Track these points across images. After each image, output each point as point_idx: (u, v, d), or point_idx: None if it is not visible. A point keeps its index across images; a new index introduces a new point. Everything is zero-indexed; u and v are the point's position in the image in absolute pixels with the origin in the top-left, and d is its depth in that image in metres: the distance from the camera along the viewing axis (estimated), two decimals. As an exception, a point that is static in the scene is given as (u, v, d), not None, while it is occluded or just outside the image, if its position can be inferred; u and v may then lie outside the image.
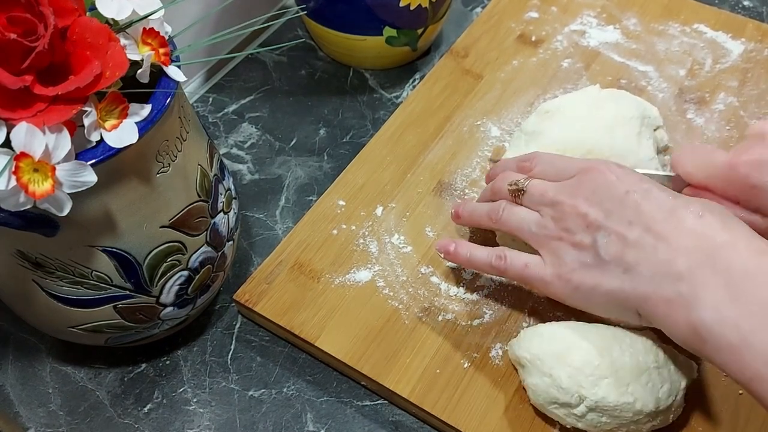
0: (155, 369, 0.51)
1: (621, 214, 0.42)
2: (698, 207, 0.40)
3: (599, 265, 0.42)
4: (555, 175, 0.47)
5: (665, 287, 0.39)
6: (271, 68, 0.71)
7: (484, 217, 0.50)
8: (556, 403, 0.43)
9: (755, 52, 0.69)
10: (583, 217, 0.43)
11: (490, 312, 0.51)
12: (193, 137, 0.43)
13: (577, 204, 0.43)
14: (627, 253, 0.41)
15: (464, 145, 0.61)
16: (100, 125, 0.35)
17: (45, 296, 0.41)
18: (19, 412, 0.48)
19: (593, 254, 0.42)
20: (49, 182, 0.32)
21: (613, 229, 0.42)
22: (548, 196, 0.45)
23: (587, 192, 0.44)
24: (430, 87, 0.65)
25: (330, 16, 0.65)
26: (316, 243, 0.54)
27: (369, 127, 0.66)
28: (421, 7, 0.63)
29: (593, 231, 0.43)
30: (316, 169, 0.62)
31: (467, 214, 0.52)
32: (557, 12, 0.73)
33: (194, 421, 0.48)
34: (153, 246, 0.41)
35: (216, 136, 0.65)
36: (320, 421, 0.48)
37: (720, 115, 0.64)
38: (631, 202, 0.42)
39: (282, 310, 0.51)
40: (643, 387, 0.42)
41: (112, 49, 0.34)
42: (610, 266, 0.42)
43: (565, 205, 0.44)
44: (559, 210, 0.44)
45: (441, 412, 0.46)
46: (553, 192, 0.45)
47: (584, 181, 0.44)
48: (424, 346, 0.49)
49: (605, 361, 0.42)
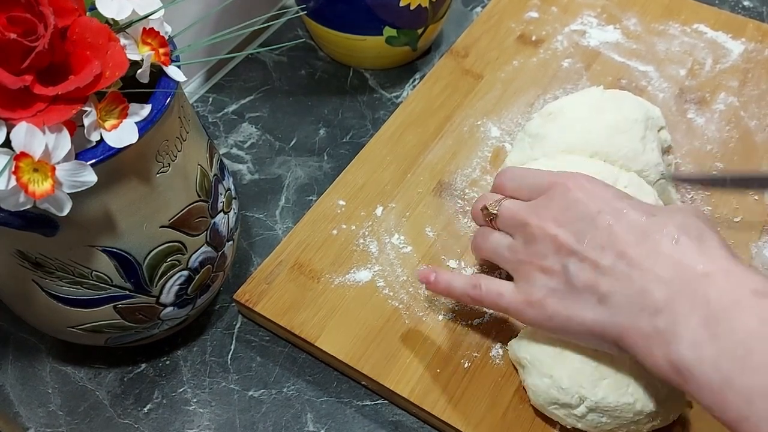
0: (155, 369, 0.51)
1: (592, 237, 0.39)
2: (673, 229, 0.38)
3: (571, 293, 0.40)
4: (527, 192, 0.44)
5: (642, 320, 0.37)
6: (271, 68, 0.71)
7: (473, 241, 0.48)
8: (557, 404, 0.43)
9: (755, 52, 0.69)
10: (553, 239, 0.40)
11: (490, 312, 0.51)
12: (193, 137, 0.43)
13: (545, 226, 0.41)
14: (600, 281, 0.38)
15: (464, 145, 0.61)
16: (100, 125, 0.35)
17: (45, 296, 0.41)
18: (19, 412, 0.48)
19: (564, 281, 0.40)
20: (49, 182, 0.32)
21: (584, 254, 0.39)
22: (518, 217, 0.43)
23: (556, 212, 0.41)
24: (430, 87, 0.65)
25: (330, 16, 0.65)
26: (316, 243, 0.54)
27: (369, 127, 0.66)
28: (421, 6, 0.63)
29: (564, 256, 0.40)
30: (316, 169, 0.62)
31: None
32: (557, 12, 0.73)
33: (194, 421, 0.48)
34: (153, 246, 0.41)
35: (216, 136, 0.65)
36: (320, 421, 0.48)
37: (720, 115, 0.64)
38: (603, 223, 0.39)
39: (282, 310, 0.51)
40: (643, 387, 0.42)
41: (112, 49, 0.34)
42: (583, 295, 0.39)
43: (534, 227, 0.41)
44: (529, 232, 0.42)
45: (441, 412, 0.46)
46: (523, 213, 0.43)
47: (553, 199, 0.42)
48: (424, 346, 0.49)
49: (605, 361, 0.42)
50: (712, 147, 0.61)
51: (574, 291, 0.39)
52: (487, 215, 0.46)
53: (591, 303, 0.39)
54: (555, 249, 0.40)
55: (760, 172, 0.47)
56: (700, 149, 0.61)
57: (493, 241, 0.45)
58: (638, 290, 0.37)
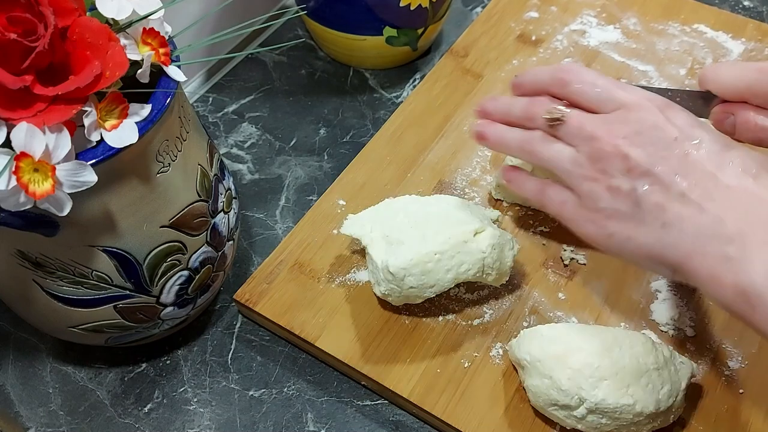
0: (155, 369, 0.51)
1: (667, 162, 0.38)
2: (753, 164, 0.37)
3: (636, 215, 0.39)
4: (596, 100, 0.42)
5: (711, 248, 0.36)
6: (271, 68, 0.71)
7: (514, 144, 0.46)
8: (556, 405, 0.43)
9: (755, 52, 0.69)
10: (624, 159, 0.39)
11: (491, 311, 0.51)
12: (193, 137, 0.43)
13: (618, 143, 0.40)
14: (670, 206, 0.38)
15: (464, 145, 0.61)
16: (100, 125, 0.35)
17: (45, 296, 0.41)
18: (19, 412, 0.48)
19: (631, 203, 0.39)
20: (49, 182, 0.32)
21: (657, 178, 0.38)
22: (586, 129, 0.41)
23: (631, 131, 0.40)
24: (430, 87, 0.65)
25: (330, 16, 0.65)
26: (317, 243, 0.54)
27: (369, 127, 0.66)
28: (421, 6, 0.63)
29: (634, 177, 0.39)
30: (316, 169, 0.62)
31: (496, 138, 0.47)
32: (557, 11, 0.73)
33: (194, 421, 0.48)
34: (153, 246, 0.41)
35: (216, 136, 0.65)
36: (320, 421, 0.48)
37: (720, 114, 0.64)
38: (680, 150, 0.38)
39: (282, 310, 0.51)
40: (643, 388, 0.42)
41: (112, 49, 0.34)
42: (648, 218, 0.39)
43: (604, 143, 0.40)
44: (597, 148, 0.40)
45: (441, 412, 0.46)
46: (592, 126, 0.41)
47: (629, 119, 0.40)
48: (424, 346, 0.49)
49: (605, 362, 0.42)
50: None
51: (640, 213, 0.39)
52: (550, 120, 0.43)
53: (655, 226, 0.38)
54: (625, 170, 0.39)
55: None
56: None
57: (554, 149, 0.43)
58: (710, 219, 0.37)
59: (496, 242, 0.47)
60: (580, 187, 0.42)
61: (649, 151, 0.39)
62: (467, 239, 0.46)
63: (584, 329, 0.45)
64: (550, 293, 0.52)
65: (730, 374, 0.48)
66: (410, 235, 0.47)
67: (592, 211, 0.41)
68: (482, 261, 0.47)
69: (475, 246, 0.47)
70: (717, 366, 0.48)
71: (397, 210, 0.50)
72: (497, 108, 0.48)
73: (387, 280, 0.46)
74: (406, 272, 0.45)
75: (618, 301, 0.52)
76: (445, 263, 0.46)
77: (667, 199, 0.38)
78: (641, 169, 0.39)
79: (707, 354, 0.49)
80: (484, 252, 0.47)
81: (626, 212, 0.40)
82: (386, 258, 0.46)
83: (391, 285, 0.46)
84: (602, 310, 0.51)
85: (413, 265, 0.45)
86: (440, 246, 0.46)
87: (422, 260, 0.45)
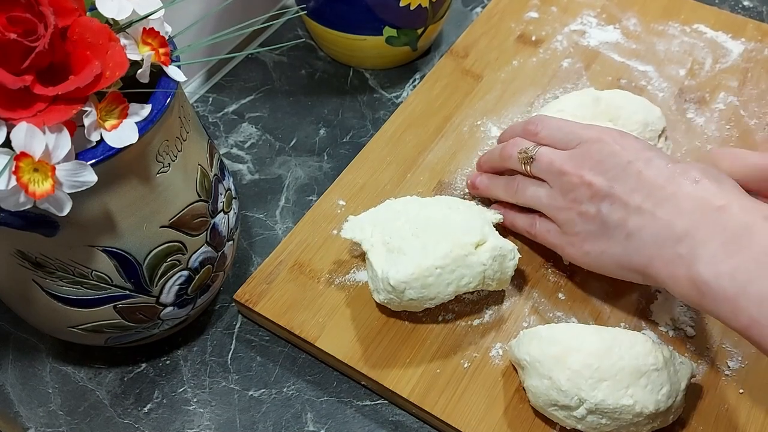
0: (155, 369, 0.51)
1: (624, 182, 0.44)
2: (696, 173, 0.43)
3: (604, 232, 0.45)
4: (561, 141, 0.49)
5: (666, 249, 0.42)
6: (271, 68, 0.71)
7: (500, 190, 0.53)
8: (556, 405, 0.43)
9: (755, 52, 0.69)
10: (588, 186, 0.46)
11: (490, 312, 0.51)
12: (193, 137, 0.43)
13: (583, 174, 0.46)
14: (630, 219, 0.44)
15: (464, 145, 0.61)
16: (100, 125, 0.35)
17: (45, 296, 0.41)
18: (19, 412, 0.48)
19: (599, 222, 0.45)
20: (49, 182, 0.32)
21: (616, 197, 0.44)
22: (555, 165, 0.48)
23: (592, 162, 0.46)
24: (430, 87, 0.65)
25: (330, 16, 0.65)
26: (316, 243, 0.54)
27: (369, 127, 0.66)
28: (421, 7, 0.63)
29: (598, 200, 0.45)
30: (316, 169, 0.62)
31: (483, 186, 0.55)
32: (557, 12, 0.73)
33: (194, 421, 0.48)
34: (153, 246, 0.41)
35: (216, 136, 0.65)
36: (320, 421, 0.48)
37: (720, 114, 0.64)
38: (634, 170, 0.44)
39: (282, 310, 0.51)
40: (642, 389, 0.42)
41: (112, 49, 0.34)
42: (614, 233, 0.45)
43: (572, 176, 0.47)
44: (566, 181, 0.47)
45: (441, 412, 0.46)
46: (560, 162, 0.47)
47: (590, 151, 0.46)
48: (424, 346, 0.49)
49: (605, 363, 0.42)
50: (712, 146, 0.61)
51: (607, 229, 0.45)
52: (524, 159, 0.50)
53: (620, 238, 0.45)
54: (590, 195, 0.46)
55: None
56: (700, 148, 0.61)
57: (532, 191, 0.50)
58: (663, 224, 0.42)
59: (497, 254, 0.47)
60: (557, 217, 0.49)
61: (608, 176, 0.45)
62: (468, 252, 0.46)
63: (584, 329, 0.45)
64: (550, 293, 0.52)
65: (730, 374, 0.48)
66: (411, 244, 0.47)
67: (570, 235, 0.48)
68: (483, 273, 0.47)
69: (476, 259, 0.47)
70: (717, 366, 0.48)
71: (397, 212, 0.50)
72: (485, 160, 0.56)
73: (387, 291, 0.46)
74: (407, 285, 0.46)
75: (618, 301, 0.52)
76: (446, 277, 0.46)
77: (627, 213, 0.44)
78: (603, 193, 0.45)
79: (707, 354, 0.49)
80: (485, 264, 0.47)
81: (596, 231, 0.46)
82: (387, 269, 0.46)
83: (391, 296, 0.47)
84: (602, 310, 0.51)
85: (414, 279, 0.46)
86: (441, 260, 0.46)
87: (423, 274, 0.46)
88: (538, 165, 0.49)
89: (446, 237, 0.47)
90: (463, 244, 0.47)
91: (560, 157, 0.48)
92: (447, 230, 0.47)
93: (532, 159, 0.49)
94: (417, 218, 0.49)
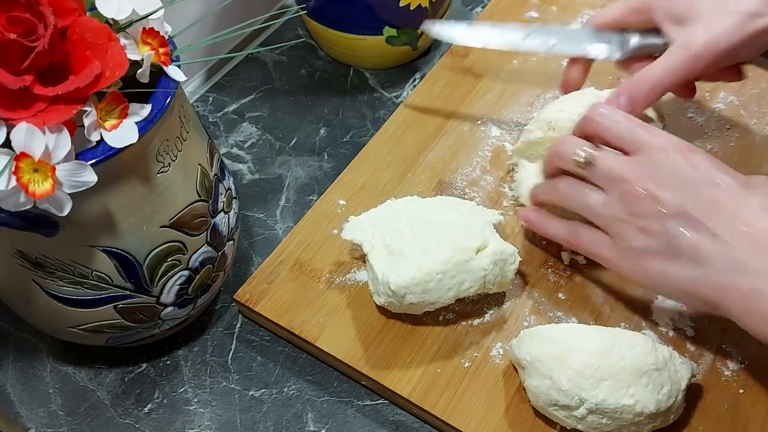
0: (156, 369, 0.51)
1: (694, 204, 0.42)
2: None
3: (669, 253, 0.42)
4: (622, 142, 0.45)
5: (741, 282, 0.40)
6: (271, 68, 0.71)
7: (543, 188, 0.50)
8: (557, 405, 0.43)
9: (755, 52, 0.69)
10: (655, 200, 0.42)
11: (491, 311, 0.51)
12: (193, 137, 0.43)
13: (648, 186, 0.43)
14: (701, 245, 0.41)
15: (464, 145, 0.61)
16: (100, 125, 0.35)
17: (45, 296, 0.41)
18: (19, 413, 0.48)
19: (664, 242, 0.42)
20: (49, 182, 0.32)
21: (687, 218, 0.42)
22: (615, 172, 0.44)
23: (659, 175, 0.43)
24: (430, 87, 0.65)
25: (330, 16, 0.65)
26: (317, 243, 0.54)
27: (369, 127, 0.66)
28: (421, 6, 0.63)
29: (665, 218, 0.42)
30: (317, 169, 0.62)
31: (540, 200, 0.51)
32: (557, 11, 0.72)
33: (195, 421, 0.48)
34: (153, 246, 0.41)
35: (216, 135, 0.65)
36: (321, 420, 0.48)
37: (720, 114, 0.64)
38: (705, 191, 0.42)
39: (282, 310, 0.51)
40: (643, 389, 0.42)
41: (112, 49, 0.34)
42: (681, 256, 0.42)
43: (634, 186, 0.43)
44: (626, 190, 0.44)
45: (441, 411, 0.46)
46: (620, 169, 0.44)
47: (656, 163, 0.43)
48: (425, 345, 0.49)
49: (605, 363, 0.42)
50: (712, 146, 0.61)
51: (673, 251, 0.42)
52: (581, 163, 0.46)
53: (688, 263, 0.42)
54: (657, 210, 0.42)
55: None
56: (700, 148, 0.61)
57: (586, 195, 0.46)
58: (738, 255, 0.40)
59: (498, 258, 0.47)
60: (612, 228, 0.45)
61: (678, 193, 0.42)
62: (469, 257, 0.46)
63: (584, 330, 0.45)
64: (550, 293, 0.52)
65: (730, 374, 0.48)
66: (412, 247, 0.47)
67: (625, 249, 0.44)
68: (483, 278, 0.47)
69: (476, 264, 0.47)
70: (717, 366, 0.48)
71: (398, 213, 0.50)
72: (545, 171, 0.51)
73: (387, 295, 0.46)
74: (407, 290, 0.46)
75: (618, 301, 0.52)
76: (447, 282, 0.46)
77: (698, 238, 0.41)
78: (672, 210, 0.42)
79: (707, 354, 0.49)
80: (485, 269, 0.47)
81: (660, 250, 0.43)
82: (387, 272, 0.46)
83: (391, 299, 0.47)
84: (602, 310, 0.51)
85: (414, 284, 0.45)
86: (442, 266, 0.46)
87: (423, 279, 0.45)
88: (597, 170, 0.45)
89: (447, 240, 0.47)
90: (464, 248, 0.46)
91: (621, 163, 0.44)
92: (447, 232, 0.47)
93: (589, 163, 0.45)
94: (417, 219, 0.49)
